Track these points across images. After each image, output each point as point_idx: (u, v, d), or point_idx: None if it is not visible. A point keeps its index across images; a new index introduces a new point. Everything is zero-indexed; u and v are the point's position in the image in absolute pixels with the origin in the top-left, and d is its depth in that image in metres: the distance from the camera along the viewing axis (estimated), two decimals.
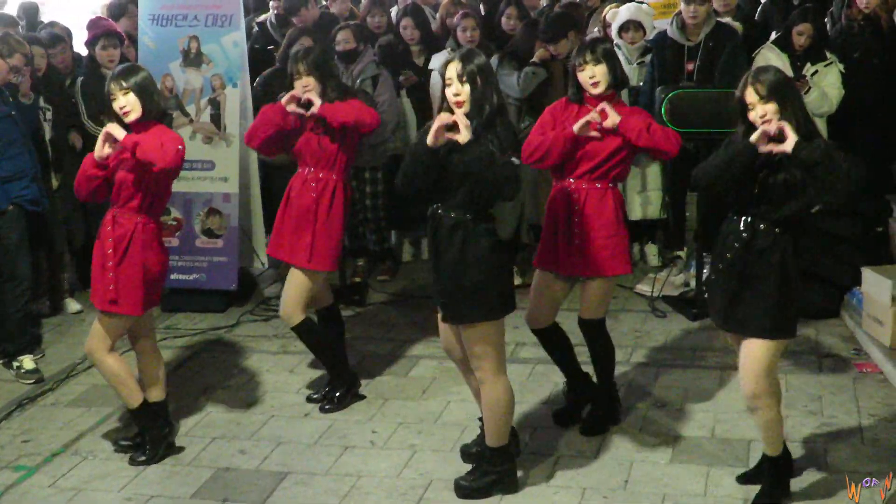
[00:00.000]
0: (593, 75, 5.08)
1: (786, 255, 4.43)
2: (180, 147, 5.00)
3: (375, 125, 5.67)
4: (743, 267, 4.47)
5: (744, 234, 4.46)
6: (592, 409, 5.49)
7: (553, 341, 5.46)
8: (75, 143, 7.22)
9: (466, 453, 5.19)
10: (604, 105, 5.05)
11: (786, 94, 4.35)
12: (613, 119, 5.00)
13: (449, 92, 4.51)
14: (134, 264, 5.07)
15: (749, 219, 4.46)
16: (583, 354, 5.50)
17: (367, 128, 5.62)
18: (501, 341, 4.72)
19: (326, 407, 5.80)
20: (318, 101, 5.46)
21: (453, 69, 4.50)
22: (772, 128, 4.28)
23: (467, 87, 4.47)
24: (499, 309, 4.65)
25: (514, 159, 4.50)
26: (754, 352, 4.48)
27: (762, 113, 4.33)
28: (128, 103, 4.98)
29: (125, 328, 5.23)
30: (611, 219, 5.17)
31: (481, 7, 8.87)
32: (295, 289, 5.66)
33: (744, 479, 4.86)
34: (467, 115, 4.45)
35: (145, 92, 5.01)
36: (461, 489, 4.86)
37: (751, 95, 4.35)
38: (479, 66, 4.49)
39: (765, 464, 4.72)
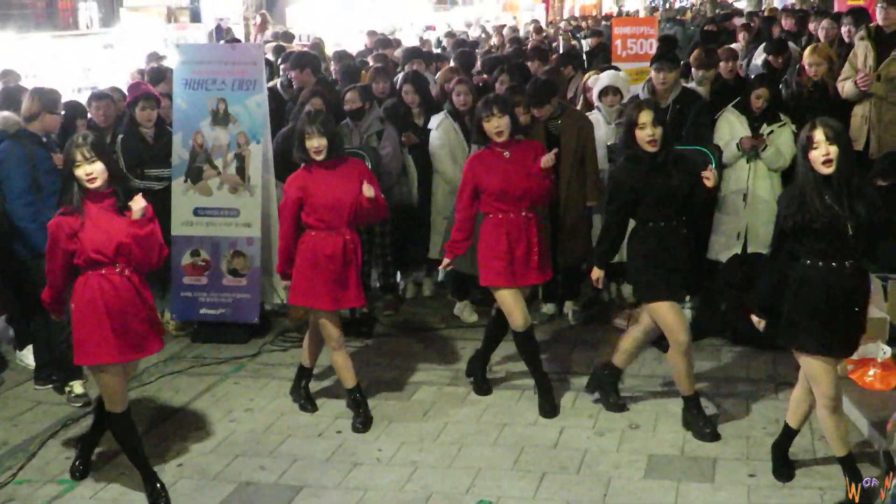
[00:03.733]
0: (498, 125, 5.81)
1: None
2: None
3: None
4: (841, 301, 4.64)
5: (843, 276, 4.62)
6: None
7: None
8: (57, 163, 7.03)
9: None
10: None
11: (846, 143, 4.61)
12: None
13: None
14: None
15: (835, 263, 4.62)
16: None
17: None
18: None
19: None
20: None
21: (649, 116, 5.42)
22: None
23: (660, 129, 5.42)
24: None
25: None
26: (843, 365, 4.95)
27: (826, 152, 4.54)
28: None
29: None
30: None
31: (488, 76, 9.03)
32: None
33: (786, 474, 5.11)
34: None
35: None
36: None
37: (819, 134, 4.56)
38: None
39: (844, 468, 4.84)
